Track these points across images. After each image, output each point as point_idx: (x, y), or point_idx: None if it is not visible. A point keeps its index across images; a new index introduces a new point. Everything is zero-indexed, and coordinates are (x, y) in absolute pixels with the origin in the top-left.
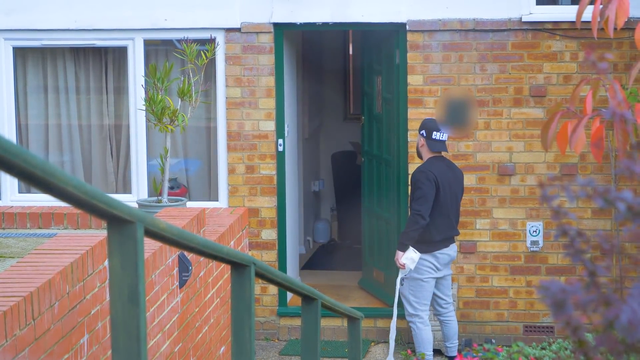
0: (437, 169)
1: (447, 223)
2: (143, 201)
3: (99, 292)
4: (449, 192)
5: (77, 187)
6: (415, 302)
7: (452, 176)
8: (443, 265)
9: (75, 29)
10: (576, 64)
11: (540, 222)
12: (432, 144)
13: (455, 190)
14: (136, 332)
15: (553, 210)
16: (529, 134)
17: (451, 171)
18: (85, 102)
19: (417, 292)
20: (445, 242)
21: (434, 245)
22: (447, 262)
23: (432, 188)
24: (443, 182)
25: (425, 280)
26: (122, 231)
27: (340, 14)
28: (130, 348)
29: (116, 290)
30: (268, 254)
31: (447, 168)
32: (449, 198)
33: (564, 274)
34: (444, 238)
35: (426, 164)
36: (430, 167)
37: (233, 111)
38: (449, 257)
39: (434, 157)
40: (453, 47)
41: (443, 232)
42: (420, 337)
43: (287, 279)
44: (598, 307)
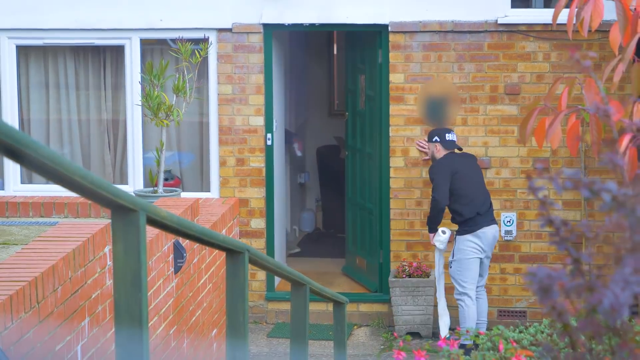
0: (448, 159)
1: (474, 201)
2: (139, 192)
3: (100, 277)
4: (467, 174)
5: (84, 177)
6: (463, 282)
7: (466, 161)
8: (487, 244)
9: (76, 29)
10: (549, 63)
11: (514, 213)
12: (447, 144)
13: (473, 171)
14: (138, 315)
15: (540, 200)
16: (504, 130)
17: (464, 157)
18: (85, 98)
19: (463, 271)
20: (482, 220)
21: (474, 224)
22: (490, 241)
23: (445, 176)
24: (457, 167)
25: (470, 259)
26: (126, 219)
27: (326, 16)
28: (132, 329)
29: (120, 275)
30: (257, 241)
31: (459, 156)
32: (469, 178)
33: (536, 261)
34: (476, 214)
35: (438, 159)
36: (441, 160)
37: (224, 107)
38: (491, 235)
39: (446, 154)
40: (432, 47)
41: (473, 208)
42: (467, 314)
43: (278, 265)
44: (582, 293)
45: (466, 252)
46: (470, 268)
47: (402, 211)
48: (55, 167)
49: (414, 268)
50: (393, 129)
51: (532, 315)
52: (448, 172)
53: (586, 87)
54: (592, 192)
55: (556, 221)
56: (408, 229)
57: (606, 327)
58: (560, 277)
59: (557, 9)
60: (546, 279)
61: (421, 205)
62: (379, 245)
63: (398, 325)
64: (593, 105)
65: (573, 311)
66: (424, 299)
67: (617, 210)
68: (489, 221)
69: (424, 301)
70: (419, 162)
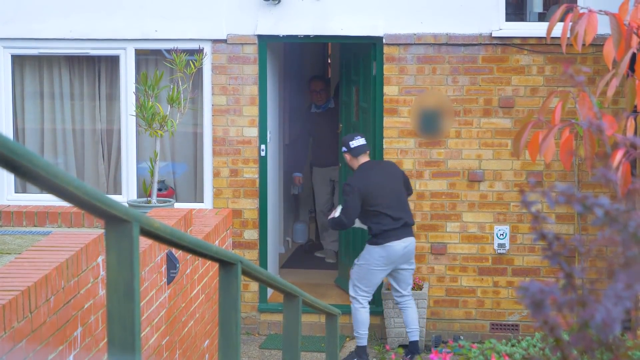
0: (364, 176)
1: (385, 219)
2: (133, 202)
3: (92, 287)
4: (380, 192)
5: (78, 187)
6: (356, 287)
7: (383, 173)
8: (396, 258)
9: (71, 39)
10: (542, 77)
11: (507, 226)
12: (355, 150)
13: (391, 187)
14: (131, 326)
15: (533, 215)
16: (497, 143)
17: (382, 171)
18: (79, 108)
19: (361, 278)
20: (391, 234)
21: (382, 238)
22: (400, 254)
23: (356, 199)
24: (371, 185)
25: (372, 269)
26: (119, 230)
27: (320, 28)
28: (125, 340)
29: (112, 285)
30: (250, 253)
31: (377, 171)
32: (381, 196)
33: (528, 275)
34: (388, 230)
35: (354, 175)
36: (355, 181)
37: (218, 118)
38: (401, 249)
39: (362, 165)
40: (427, 60)
41: (381, 226)
42: (355, 317)
43: (271, 276)
44: (574, 307)
45: (370, 262)
46: (370, 278)
47: None
48: (49, 177)
49: None
50: (387, 141)
51: (525, 328)
52: (359, 194)
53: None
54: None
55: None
56: None
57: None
58: (552, 292)
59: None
60: (539, 293)
61: (414, 217)
62: None
63: (390, 338)
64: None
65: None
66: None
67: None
68: (399, 235)
69: None
70: (413, 174)
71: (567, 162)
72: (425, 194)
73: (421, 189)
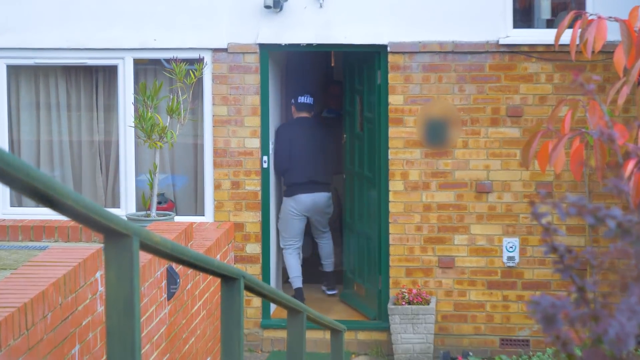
0: (292, 125)
1: (301, 171)
2: (132, 215)
3: (91, 303)
4: (299, 144)
5: (76, 200)
6: (283, 236)
7: (308, 128)
8: (306, 209)
9: (67, 48)
10: (551, 85)
11: (516, 238)
12: (299, 105)
13: (309, 140)
14: (131, 343)
15: (543, 227)
16: (506, 153)
17: (309, 125)
18: (76, 119)
19: (282, 228)
20: (300, 188)
21: (291, 191)
22: (309, 206)
23: (284, 143)
24: (293, 135)
25: (289, 219)
26: (119, 244)
27: (323, 36)
28: (124, 358)
29: (112, 301)
30: (253, 267)
31: (305, 123)
32: (298, 149)
33: (539, 288)
34: (298, 183)
35: (286, 122)
36: (283, 127)
37: (219, 129)
38: (310, 202)
39: (297, 118)
40: (433, 68)
41: (296, 178)
42: (286, 263)
43: (275, 291)
44: (587, 322)
45: (285, 213)
46: (289, 227)
47: (401, 236)
48: (46, 190)
49: (414, 295)
50: (392, 152)
51: (536, 344)
52: (286, 139)
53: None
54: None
55: (560, 248)
56: (407, 254)
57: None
58: (564, 306)
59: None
60: (550, 307)
61: (421, 230)
62: (378, 272)
63: (397, 354)
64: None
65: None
66: (424, 327)
67: (623, 237)
68: (308, 189)
69: (424, 329)
70: (419, 186)
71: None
72: (432, 205)
73: (428, 200)
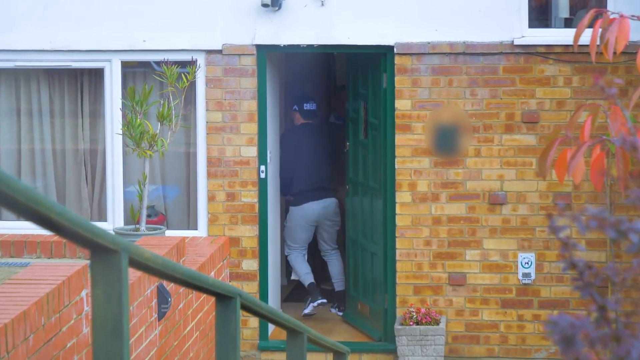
0: (297, 131)
1: (308, 178)
2: (120, 229)
3: (76, 324)
4: (305, 150)
5: (61, 214)
6: (288, 245)
7: (315, 136)
8: (313, 218)
9: (50, 50)
10: (570, 89)
11: (532, 254)
12: (305, 113)
13: (315, 146)
14: None
15: (561, 241)
16: (521, 162)
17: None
18: (60, 126)
19: (289, 237)
20: (311, 195)
21: (300, 198)
22: (317, 215)
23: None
24: (300, 142)
25: (295, 229)
26: (106, 260)
27: (325, 36)
28: None
29: (99, 322)
30: (249, 285)
31: (311, 129)
32: (304, 155)
33: (557, 307)
34: (305, 190)
35: (290, 129)
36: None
37: (213, 136)
38: (319, 209)
39: (301, 124)
40: (442, 70)
41: (303, 185)
42: (294, 266)
43: (273, 311)
44: (608, 343)
45: (292, 222)
46: (296, 236)
47: (409, 251)
48: (28, 203)
49: (422, 314)
50: (399, 161)
51: None
52: (291, 146)
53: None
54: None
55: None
56: (416, 271)
57: None
58: (584, 326)
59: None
60: (569, 327)
61: (430, 244)
62: (384, 289)
63: None
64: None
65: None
66: (433, 349)
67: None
68: (316, 196)
69: (433, 351)
70: (428, 197)
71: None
72: (441, 218)
73: (437, 213)
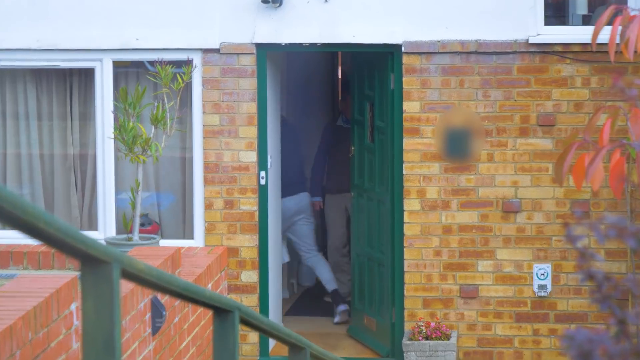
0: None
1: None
2: (111, 239)
3: (65, 339)
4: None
5: (49, 222)
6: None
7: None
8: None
9: (37, 49)
10: (588, 90)
11: (548, 264)
12: None
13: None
14: None
15: (578, 251)
16: (537, 167)
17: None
18: (48, 129)
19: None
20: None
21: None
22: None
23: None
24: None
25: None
26: (97, 272)
27: (329, 34)
28: None
29: (89, 337)
30: (249, 298)
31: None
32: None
33: (574, 321)
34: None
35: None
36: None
37: (211, 140)
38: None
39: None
40: (453, 71)
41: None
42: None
43: (274, 326)
44: (628, 358)
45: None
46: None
47: (417, 262)
48: (14, 211)
49: (432, 329)
50: (407, 166)
51: None
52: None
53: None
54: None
55: (598, 275)
56: (425, 282)
57: None
58: (603, 341)
59: (597, 27)
60: (586, 342)
61: (440, 255)
62: (391, 302)
63: None
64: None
65: None
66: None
67: None
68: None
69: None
70: (438, 205)
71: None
72: (452, 227)
73: (448, 221)
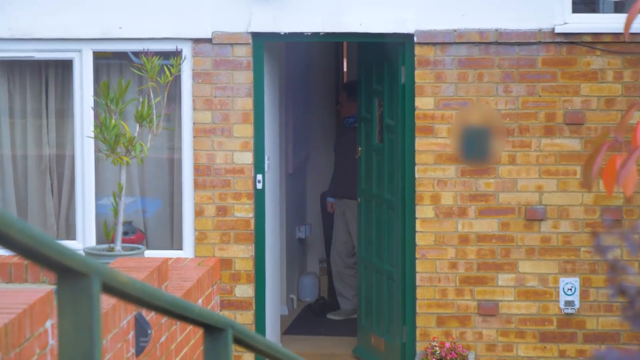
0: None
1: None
2: (91, 249)
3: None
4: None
5: (22, 231)
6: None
7: None
8: None
9: (9, 39)
10: (621, 84)
11: (576, 278)
12: None
13: None
14: None
15: (609, 263)
16: (563, 170)
17: None
18: (21, 127)
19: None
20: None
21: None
22: None
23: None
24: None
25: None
26: (75, 286)
27: (333, 23)
28: None
29: (66, 357)
30: (243, 314)
31: None
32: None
33: (605, 341)
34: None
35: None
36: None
37: (202, 140)
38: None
39: None
40: (471, 63)
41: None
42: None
43: (271, 346)
44: None
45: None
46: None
47: (431, 275)
48: None
49: (447, 349)
50: (420, 169)
51: None
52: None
53: None
54: None
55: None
56: (439, 298)
57: None
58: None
59: (630, 14)
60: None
61: (456, 267)
62: (402, 320)
63: None
64: None
65: None
66: None
67: None
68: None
69: None
70: (454, 212)
71: None
72: (470, 236)
73: (465, 230)
